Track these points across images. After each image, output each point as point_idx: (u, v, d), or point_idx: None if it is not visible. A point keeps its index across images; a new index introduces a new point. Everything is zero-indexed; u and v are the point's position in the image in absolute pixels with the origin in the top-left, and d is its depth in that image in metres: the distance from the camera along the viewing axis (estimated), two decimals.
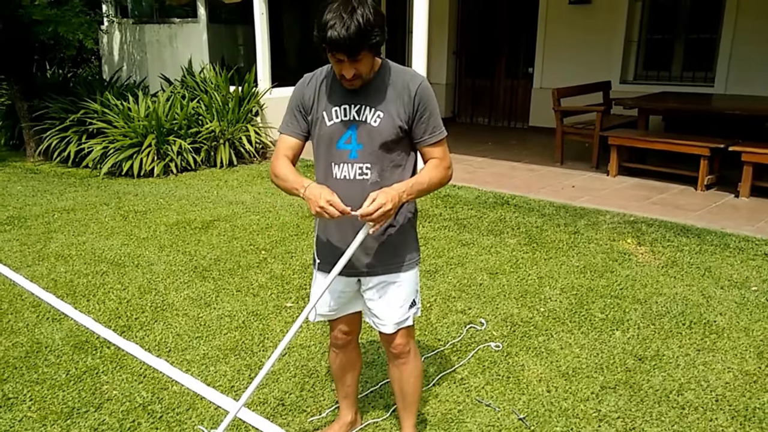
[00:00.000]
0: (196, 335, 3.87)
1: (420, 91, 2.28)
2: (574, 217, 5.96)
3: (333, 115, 2.30)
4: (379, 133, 2.27)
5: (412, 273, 2.48)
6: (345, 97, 2.29)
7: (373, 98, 2.27)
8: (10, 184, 7.63)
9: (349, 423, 2.87)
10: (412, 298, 2.50)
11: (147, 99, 8.41)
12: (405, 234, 2.45)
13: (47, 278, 4.74)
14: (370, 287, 2.46)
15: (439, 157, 2.35)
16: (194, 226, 5.91)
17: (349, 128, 2.29)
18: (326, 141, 2.32)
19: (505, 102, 10.89)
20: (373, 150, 2.29)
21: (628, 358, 3.50)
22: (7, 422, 3.03)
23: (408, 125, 2.30)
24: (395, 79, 2.29)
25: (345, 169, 2.30)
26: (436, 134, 2.34)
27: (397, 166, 2.34)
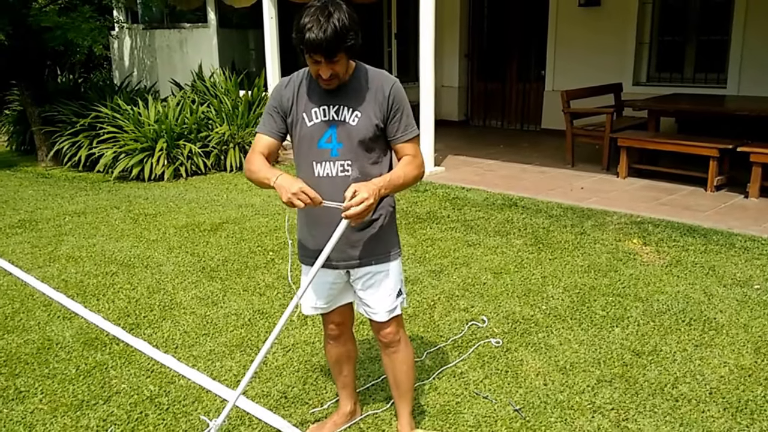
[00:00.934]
0: (203, 332, 3.95)
1: (393, 91, 2.42)
2: (581, 218, 5.99)
3: (313, 116, 2.42)
4: (358, 132, 2.40)
5: (396, 263, 2.60)
6: (324, 99, 2.41)
7: (351, 99, 2.40)
8: (22, 188, 7.78)
9: (348, 413, 2.93)
10: (398, 287, 2.60)
11: (157, 104, 8.55)
12: (387, 227, 2.56)
13: (58, 279, 4.85)
14: (358, 277, 2.57)
15: (412, 154, 2.48)
16: (203, 228, 6.00)
17: (329, 128, 2.41)
18: (307, 141, 2.43)
19: (517, 105, 10.92)
20: (352, 148, 2.41)
21: (626, 353, 3.53)
22: (19, 414, 3.13)
23: (383, 123, 2.43)
24: (370, 81, 2.43)
25: (327, 167, 2.42)
26: (408, 132, 2.47)
27: (375, 163, 2.47)
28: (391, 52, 11.31)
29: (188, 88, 9.66)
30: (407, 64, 11.20)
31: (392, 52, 11.30)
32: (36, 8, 8.47)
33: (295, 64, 2.45)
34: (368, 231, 2.51)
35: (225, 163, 8.43)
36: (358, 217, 2.27)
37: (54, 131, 8.88)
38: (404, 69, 11.34)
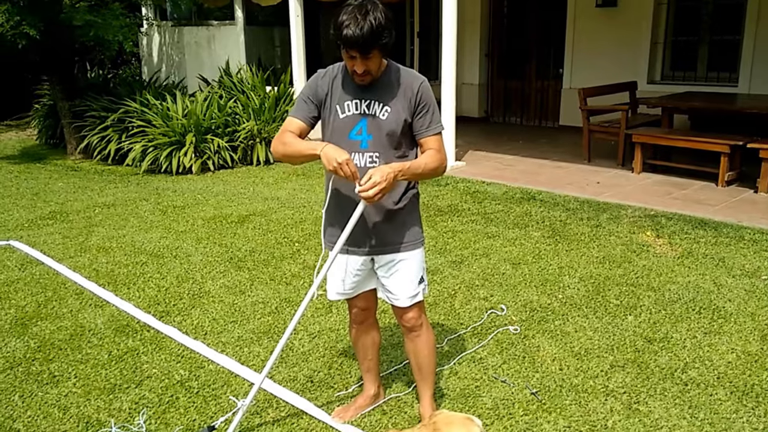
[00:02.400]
0: (231, 320, 4.12)
1: (421, 89, 2.57)
2: (597, 211, 6.09)
3: (346, 108, 2.56)
4: (387, 125, 2.54)
5: (418, 251, 2.72)
6: (357, 93, 2.55)
7: (382, 95, 2.54)
8: (52, 180, 8.01)
9: (372, 396, 3.08)
10: (420, 275, 2.73)
11: (185, 99, 8.74)
12: (410, 216, 2.70)
13: (89, 268, 5.04)
14: (382, 265, 2.71)
15: (435, 148, 2.61)
16: (230, 220, 6.18)
17: (360, 121, 2.55)
18: (339, 132, 2.58)
19: (536, 102, 11.04)
20: (381, 140, 2.55)
21: (638, 340, 3.65)
22: (53, 397, 3.27)
23: (411, 119, 2.57)
24: (401, 79, 2.57)
25: (356, 158, 2.56)
26: (433, 127, 2.60)
27: (401, 156, 2.61)
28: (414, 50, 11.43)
29: (216, 84, 9.86)
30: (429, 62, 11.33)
31: (414, 51, 11.42)
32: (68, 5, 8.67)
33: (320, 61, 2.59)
34: (392, 220, 2.65)
35: (252, 157, 8.62)
36: (371, 199, 2.40)
37: (84, 125, 9.10)
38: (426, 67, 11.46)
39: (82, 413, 3.12)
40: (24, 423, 3.04)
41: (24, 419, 3.07)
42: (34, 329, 4.02)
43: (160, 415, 3.09)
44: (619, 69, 9.41)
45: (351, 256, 2.70)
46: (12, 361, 3.63)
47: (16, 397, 3.26)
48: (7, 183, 7.96)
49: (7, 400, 3.24)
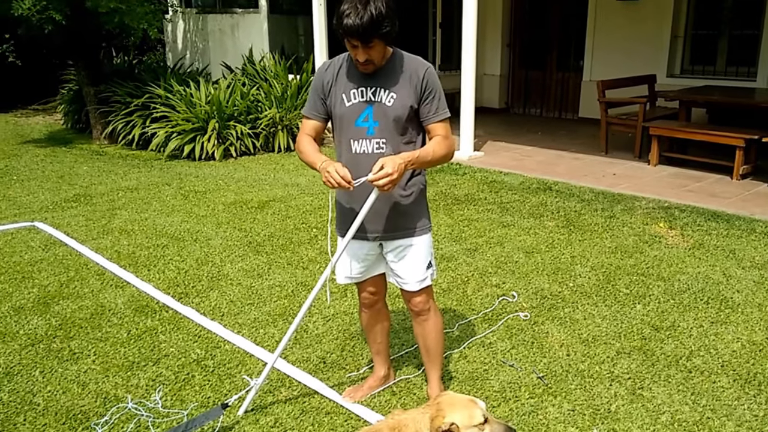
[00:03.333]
0: (248, 302, 4.23)
1: (427, 75, 2.61)
2: (611, 202, 6.12)
3: (351, 97, 2.63)
4: (393, 112, 2.60)
5: (425, 237, 2.80)
6: (362, 81, 2.62)
7: (387, 81, 2.59)
8: (77, 164, 8.19)
9: (382, 377, 3.17)
10: (428, 260, 2.81)
11: (209, 86, 8.86)
12: (418, 203, 2.77)
13: (111, 250, 5.18)
14: (390, 250, 2.79)
15: (443, 134, 2.67)
16: (250, 205, 6.30)
17: (367, 108, 2.62)
18: (346, 120, 2.65)
19: (556, 93, 11.05)
20: (387, 127, 2.61)
21: (646, 328, 3.71)
22: (73, 373, 3.38)
23: (417, 105, 2.62)
24: (406, 65, 2.62)
25: (363, 145, 2.63)
26: (440, 113, 2.65)
27: (408, 142, 2.67)
28: (436, 40, 11.45)
29: (239, 71, 9.97)
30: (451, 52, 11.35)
31: (437, 41, 11.44)
32: None
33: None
34: (400, 206, 2.72)
35: (273, 144, 8.74)
36: (383, 189, 2.47)
37: (109, 110, 9.26)
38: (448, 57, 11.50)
39: (100, 389, 3.22)
40: (44, 397, 3.15)
41: (44, 393, 3.18)
42: (56, 308, 4.14)
43: (175, 393, 3.19)
44: (639, 62, 9.41)
45: (359, 242, 2.78)
46: (34, 338, 3.75)
47: (36, 373, 3.37)
48: (34, 166, 8.15)
49: (29, 375, 3.35)
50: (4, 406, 3.08)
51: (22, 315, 4.04)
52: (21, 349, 3.62)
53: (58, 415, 3.00)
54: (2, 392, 3.19)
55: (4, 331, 3.84)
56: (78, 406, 3.08)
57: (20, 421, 2.96)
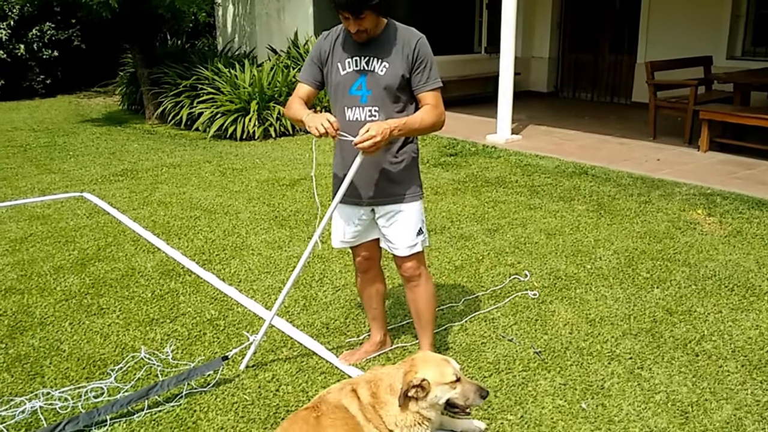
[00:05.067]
0: (265, 270, 4.35)
1: (419, 45, 2.66)
2: (649, 187, 5.95)
3: (346, 66, 2.70)
4: (385, 81, 2.66)
5: (416, 204, 2.84)
6: (356, 50, 2.69)
7: (380, 51, 2.66)
8: (129, 142, 8.54)
9: (378, 342, 3.22)
10: (419, 227, 2.84)
11: (253, 68, 9.05)
12: (408, 170, 2.81)
13: (148, 219, 5.41)
14: (381, 215, 2.84)
15: (432, 103, 2.70)
16: (282, 183, 6.43)
17: (360, 77, 2.69)
18: (341, 88, 2.72)
19: (608, 77, 10.71)
20: (380, 95, 2.67)
21: (659, 311, 3.61)
22: (98, 326, 3.65)
23: (409, 74, 2.67)
24: (399, 36, 2.68)
25: (357, 112, 2.70)
26: (430, 83, 2.69)
27: (400, 111, 2.72)
28: (482, 22, 11.29)
29: (284, 54, 10.13)
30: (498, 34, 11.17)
31: (483, 23, 11.28)
32: None
33: None
34: (391, 173, 2.76)
35: None
36: (368, 151, 2.52)
37: (160, 92, 9.58)
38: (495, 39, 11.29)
39: (120, 340, 3.47)
40: (69, 345, 3.43)
41: (70, 342, 3.46)
42: (92, 269, 4.42)
43: (186, 347, 3.39)
44: (697, 43, 8.98)
45: (352, 207, 2.84)
46: (68, 294, 4.04)
47: (66, 324, 3.65)
48: (89, 143, 8.54)
49: (59, 325, 3.64)
50: (35, 351, 3.37)
51: (61, 273, 4.34)
52: (56, 303, 3.92)
53: (80, 361, 3.27)
54: (35, 339, 3.49)
55: (43, 286, 4.15)
56: (99, 354, 3.33)
57: (46, 365, 3.24)
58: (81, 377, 3.12)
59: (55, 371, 3.17)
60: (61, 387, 3.02)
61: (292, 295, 3.96)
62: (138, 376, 3.10)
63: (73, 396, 2.95)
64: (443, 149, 7.55)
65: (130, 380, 3.07)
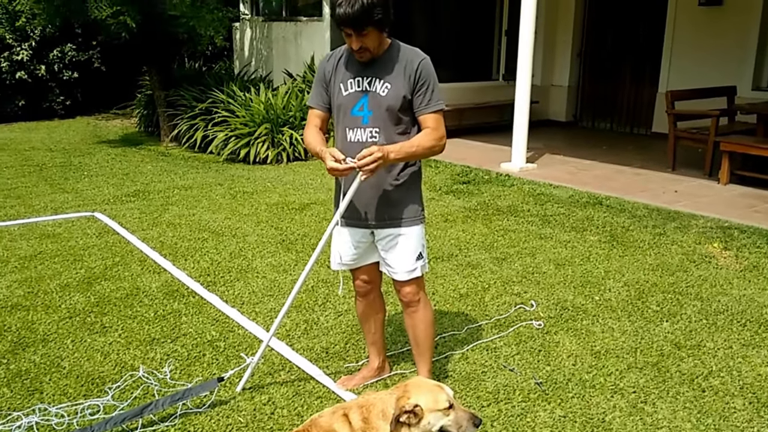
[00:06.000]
0: (269, 293, 4.32)
1: (421, 66, 2.64)
2: (665, 219, 5.85)
3: (348, 86, 2.69)
4: (387, 101, 2.64)
5: (417, 228, 2.79)
6: (359, 71, 2.67)
7: (382, 72, 2.64)
8: (143, 164, 8.60)
9: (376, 368, 3.16)
10: (419, 251, 2.79)
11: (268, 92, 9.11)
12: (409, 194, 2.77)
13: (156, 240, 5.42)
14: (381, 238, 2.80)
15: (432, 126, 2.67)
16: (292, 207, 6.42)
17: (362, 97, 2.67)
18: (343, 108, 2.71)
19: (628, 106, 10.59)
20: (381, 116, 2.65)
21: (666, 345, 3.51)
22: (99, 344, 3.64)
23: (410, 95, 2.64)
24: (401, 56, 2.66)
25: (358, 133, 2.68)
26: (432, 105, 2.66)
27: (402, 133, 2.69)
28: (501, 49, 11.30)
29: (299, 78, 10.20)
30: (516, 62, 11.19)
31: (501, 50, 11.29)
32: None
33: None
34: (391, 196, 2.73)
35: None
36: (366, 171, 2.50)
37: (176, 114, 9.67)
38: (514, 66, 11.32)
39: (120, 359, 3.47)
40: (70, 362, 3.43)
41: (71, 359, 3.47)
42: (97, 287, 4.43)
43: (185, 367, 3.38)
44: (721, 73, 8.82)
45: (351, 228, 2.80)
46: (73, 311, 4.05)
47: (68, 341, 3.66)
48: (104, 164, 8.62)
49: (61, 342, 3.65)
50: (35, 367, 3.38)
51: (67, 291, 4.37)
52: (60, 320, 3.94)
53: (79, 378, 3.27)
54: (36, 355, 3.50)
55: (49, 304, 4.17)
56: (98, 372, 3.34)
57: (46, 381, 3.24)
58: (79, 394, 3.12)
59: (54, 387, 3.17)
60: (58, 403, 3.03)
61: (293, 319, 3.92)
62: (135, 395, 3.08)
63: (70, 413, 2.95)
64: (456, 177, 7.52)
65: (127, 398, 3.05)
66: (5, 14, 11.58)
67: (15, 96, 12.21)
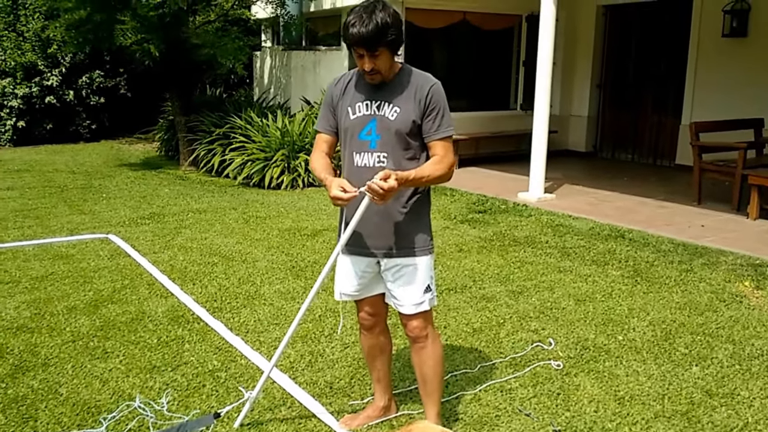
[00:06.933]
0: (275, 322, 4.16)
1: (432, 91, 2.52)
2: (692, 255, 5.61)
3: (356, 110, 2.57)
4: (396, 126, 2.51)
5: (425, 259, 2.62)
6: (368, 94, 2.56)
7: (392, 95, 2.53)
8: (160, 187, 8.57)
9: (382, 408, 2.96)
10: (427, 283, 2.62)
11: (284, 118, 9.07)
12: (417, 221, 2.61)
13: (166, 263, 5.30)
14: (388, 268, 2.63)
15: (442, 153, 2.54)
16: (304, 233, 6.28)
17: (370, 121, 2.55)
18: (350, 132, 2.59)
19: (650, 138, 10.37)
20: (389, 141, 2.52)
21: (697, 393, 3.27)
22: (99, 370, 3.52)
23: (420, 120, 2.51)
24: (412, 80, 2.55)
25: (365, 158, 2.55)
26: (441, 131, 2.54)
27: (411, 159, 2.56)
28: (518, 79, 11.19)
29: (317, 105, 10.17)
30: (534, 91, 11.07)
31: (519, 79, 11.17)
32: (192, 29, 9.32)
33: None
34: (398, 224, 2.58)
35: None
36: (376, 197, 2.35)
37: (195, 138, 9.67)
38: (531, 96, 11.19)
39: (119, 387, 3.34)
40: (68, 389, 3.32)
41: (69, 386, 3.35)
42: (103, 310, 4.33)
43: (183, 398, 3.23)
44: (747, 105, 8.59)
45: (355, 257, 2.64)
46: (76, 335, 3.95)
47: (68, 367, 3.55)
48: (123, 186, 8.60)
49: (61, 367, 3.55)
50: (33, 393, 3.27)
51: (73, 314, 4.28)
52: (63, 343, 3.84)
53: (75, 407, 3.14)
54: (35, 380, 3.40)
55: (54, 326, 4.08)
56: (94, 400, 3.22)
57: (42, 408, 3.13)
58: (73, 423, 2.99)
59: (49, 416, 3.06)
60: None
61: (298, 350, 3.74)
62: (129, 427, 2.95)
63: None
64: (472, 206, 7.34)
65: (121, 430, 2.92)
66: (38, 41, 11.80)
67: (44, 119, 12.47)
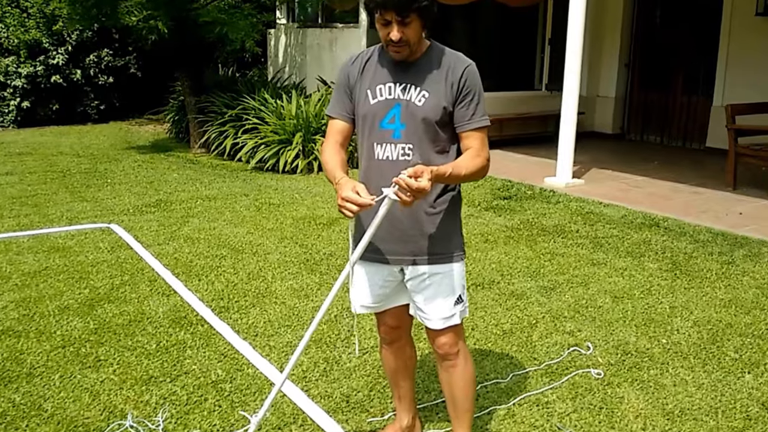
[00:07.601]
0: (286, 323, 3.84)
1: (467, 73, 2.16)
2: (732, 246, 5.22)
3: (377, 93, 2.20)
4: (423, 113, 2.15)
5: (457, 266, 2.27)
6: (391, 76, 2.19)
7: (420, 77, 2.17)
8: (169, 171, 8.25)
9: (405, 428, 2.65)
10: (458, 294, 2.27)
11: (300, 99, 8.70)
12: (447, 222, 2.26)
13: (171, 257, 4.99)
14: (413, 277, 2.28)
15: (478, 146, 2.18)
16: (319, 222, 5.96)
17: (393, 107, 2.18)
18: (370, 120, 2.22)
19: (680, 119, 9.93)
20: (416, 130, 2.16)
21: (753, 405, 2.92)
22: (90, 381, 3.19)
23: (452, 107, 2.16)
24: (444, 60, 2.19)
25: (388, 150, 2.19)
26: (476, 120, 2.18)
27: (441, 152, 2.21)
28: (544, 58, 10.75)
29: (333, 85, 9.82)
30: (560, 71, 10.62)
31: (545, 59, 10.73)
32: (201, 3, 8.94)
33: None
34: (426, 226, 2.23)
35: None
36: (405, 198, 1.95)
37: (206, 120, 9.33)
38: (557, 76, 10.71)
39: (110, 401, 3.02)
40: (53, 404, 2.99)
41: (55, 400, 3.03)
42: (99, 311, 4.01)
43: (182, 415, 2.91)
44: None
45: (375, 265, 2.30)
46: (67, 340, 3.62)
47: (56, 377, 3.23)
48: (129, 171, 8.30)
49: (48, 378, 3.22)
50: (14, 408, 2.97)
51: (65, 315, 3.95)
52: (51, 350, 3.51)
53: (60, 425, 2.85)
54: (18, 393, 3.08)
55: (43, 330, 3.75)
56: (82, 417, 2.90)
57: (22, 426, 2.84)
58: None
59: None
60: None
61: (311, 356, 3.43)
62: None
63: None
64: (496, 191, 6.97)
65: None
66: (42, 18, 11.43)
67: (49, 100, 12.11)
